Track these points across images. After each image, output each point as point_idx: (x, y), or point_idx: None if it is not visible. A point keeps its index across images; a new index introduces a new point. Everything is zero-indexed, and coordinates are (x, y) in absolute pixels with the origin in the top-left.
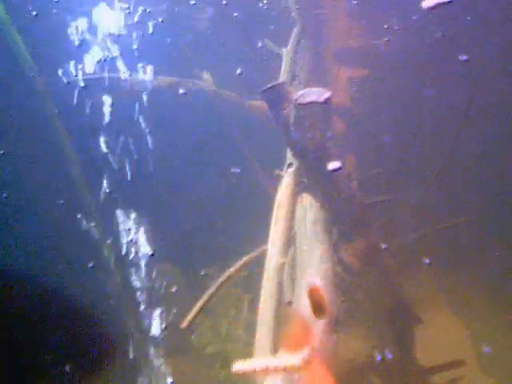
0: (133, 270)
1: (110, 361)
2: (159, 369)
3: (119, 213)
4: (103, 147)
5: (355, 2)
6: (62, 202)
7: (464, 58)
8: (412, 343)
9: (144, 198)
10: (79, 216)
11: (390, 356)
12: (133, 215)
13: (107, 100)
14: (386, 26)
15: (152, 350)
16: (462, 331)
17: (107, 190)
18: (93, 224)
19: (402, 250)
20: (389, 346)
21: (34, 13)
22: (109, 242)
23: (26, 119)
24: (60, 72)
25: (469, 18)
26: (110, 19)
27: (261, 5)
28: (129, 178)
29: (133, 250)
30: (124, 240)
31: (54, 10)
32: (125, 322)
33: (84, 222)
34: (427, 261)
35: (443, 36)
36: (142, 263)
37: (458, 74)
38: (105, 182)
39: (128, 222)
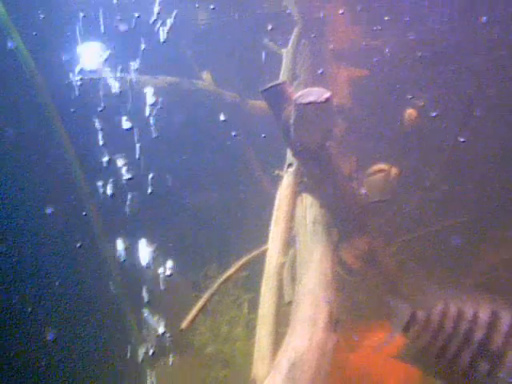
0: (133, 270)
1: (110, 360)
2: (159, 369)
3: (118, 212)
4: (103, 147)
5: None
6: (61, 201)
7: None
8: None
9: (143, 198)
10: (79, 216)
11: None
12: (132, 215)
13: (107, 100)
14: (385, 26)
15: (152, 350)
16: None
17: (106, 191)
18: (92, 224)
19: (402, 250)
20: None
21: (34, 12)
22: (108, 241)
23: (25, 119)
24: (60, 72)
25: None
26: (109, 20)
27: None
28: (128, 178)
29: (133, 249)
30: (124, 239)
31: (55, 10)
32: (125, 322)
33: (84, 222)
34: (427, 260)
35: (442, 35)
36: (142, 263)
37: (458, 73)
38: (104, 182)
39: (127, 221)
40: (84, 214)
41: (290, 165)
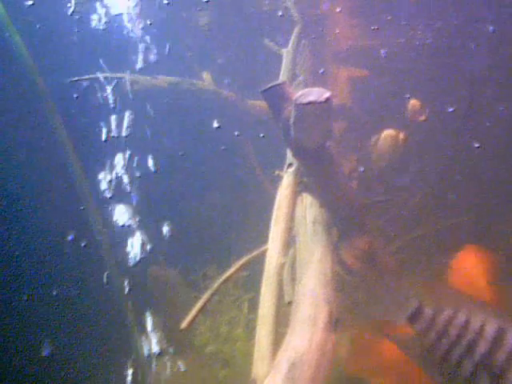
0: (133, 271)
1: (109, 360)
2: (159, 369)
3: (118, 212)
4: (103, 147)
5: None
6: (61, 200)
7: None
8: None
9: (143, 198)
10: (78, 216)
11: None
12: (132, 215)
13: (107, 100)
14: (384, 26)
15: (151, 350)
16: None
17: (106, 191)
18: (92, 224)
19: (402, 250)
20: None
21: (34, 11)
22: (108, 241)
23: (25, 119)
24: (60, 72)
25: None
26: (109, 19)
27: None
28: (128, 178)
29: (132, 250)
30: (123, 239)
31: (54, 10)
32: (125, 323)
33: (84, 222)
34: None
35: (442, 34)
36: (142, 263)
37: (458, 73)
38: (104, 182)
39: (127, 221)
40: (82, 208)
41: (290, 165)
